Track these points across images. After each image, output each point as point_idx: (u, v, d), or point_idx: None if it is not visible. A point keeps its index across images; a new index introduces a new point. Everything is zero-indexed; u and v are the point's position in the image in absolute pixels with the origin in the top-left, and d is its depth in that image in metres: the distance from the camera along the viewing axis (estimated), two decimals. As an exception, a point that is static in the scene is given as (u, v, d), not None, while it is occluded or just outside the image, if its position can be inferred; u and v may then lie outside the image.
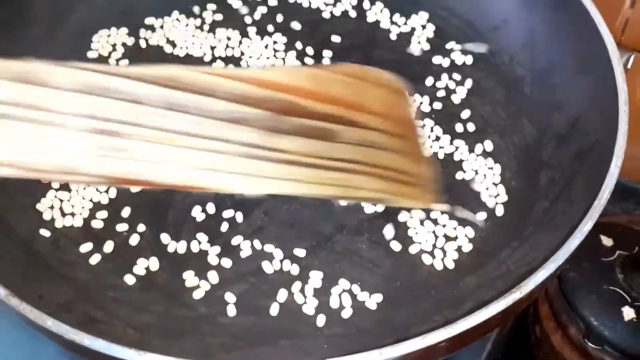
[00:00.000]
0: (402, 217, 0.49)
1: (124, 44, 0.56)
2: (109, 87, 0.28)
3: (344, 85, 0.36)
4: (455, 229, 0.48)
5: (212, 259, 0.47)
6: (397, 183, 0.38)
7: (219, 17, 0.58)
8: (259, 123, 0.31)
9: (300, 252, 0.47)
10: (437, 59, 0.57)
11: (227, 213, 0.48)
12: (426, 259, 0.47)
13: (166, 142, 0.29)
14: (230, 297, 0.45)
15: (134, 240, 0.47)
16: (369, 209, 0.49)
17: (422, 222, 0.48)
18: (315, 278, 0.46)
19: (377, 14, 0.59)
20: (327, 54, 0.57)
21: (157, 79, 0.29)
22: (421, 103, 0.54)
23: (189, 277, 0.46)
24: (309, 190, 0.34)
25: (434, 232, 0.48)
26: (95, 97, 0.28)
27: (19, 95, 0.27)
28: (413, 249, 0.47)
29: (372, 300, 0.45)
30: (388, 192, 0.38)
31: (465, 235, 0.48)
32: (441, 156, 0.52)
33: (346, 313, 0.45)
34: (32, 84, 0.27)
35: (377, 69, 0.38)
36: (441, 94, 0.55)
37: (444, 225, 0.48)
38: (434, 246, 0.48)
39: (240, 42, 0.57)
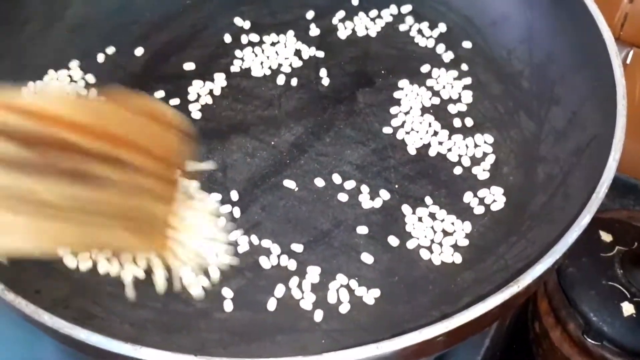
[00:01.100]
0: (400, 212, 0.48)
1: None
2: None
3: (122, 121, 0.34)
4: (453, 224, 0.48)
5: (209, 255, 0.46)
6: (141, 228, 0.37)
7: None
8: (9, 159, 0.29)
9: (297, 248, 0.47)
10: (435, 54, 0.56)
11: (225, 208, 0.48)
12: (424, 254, 0.47)
13: None
14: (227, 292, 0.45)
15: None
16: (366, 204, 0.49)
17: (420, 218, 0.48)
18: (313, 273, 0.46)
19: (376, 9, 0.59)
20: (324, 48, 0.57)
21: None
22: (419, 96, 0.54)
23: (186, 273, 0.46)
24: (44, 244, 0.33)
25: (431, 227, 0.48)
26: None
27: None
28: (411, 244, 0.47)
29: (370, 295, 0.45)
30: (128, 243, 0.37)
31: (463, 230, 0.48)
32: (440, 151, 0.51)
33: (344, 308, 0.45)
34: None
35: (164, 106, 0.37)
36: (439, 88, 0.54)
37: (442, 220, 0.48)
38: (432, 241, 0.47)
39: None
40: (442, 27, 0.58)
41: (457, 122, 0.53)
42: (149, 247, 0.41)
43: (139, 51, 0.56)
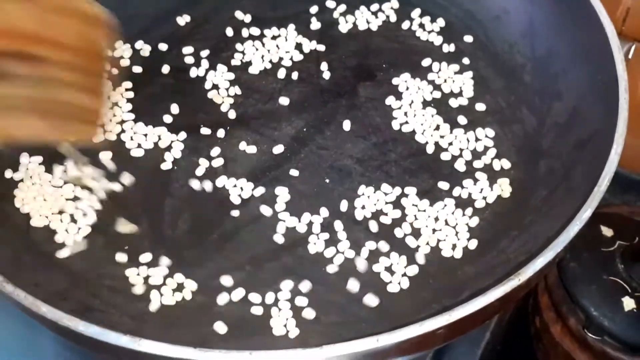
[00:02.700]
0: (401, 205, 0.48)
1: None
2: None
3: (33, 17, 0.34)
4: (454, 217, 0.48)
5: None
6: (57, 118, 0.37)
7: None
8: None
9: (297, 240, 0.47)
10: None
11: (225, 202, 0.48)
12: (425, 248, 0.47)
13: None
14: (227, 285, 0.45)
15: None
16: (367, 197, 0.49)
17: (420, 212, 0.48)
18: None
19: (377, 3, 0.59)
20: (325, 42, 0.56)
21: None
22: (420, 90, 0.54)
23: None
24: None
25: (433, 220, 0.48)
26: None
27: None
28: (411, 238, 0.47)
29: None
30: (42, 130, 0.37)
31: (465, 224, 0.48)
32: (441, 145, 0.51)
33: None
34: None
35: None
36: (440, 82, 0.54)
37: (443, 214, 0.48)
38: (433, 235, 0.47)
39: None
40: (443, 21, 0.57)
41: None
42: (64, 133, 0.41)
43: (139, 44, 0.56)
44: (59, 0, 0.36)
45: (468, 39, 0.56)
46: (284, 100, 0.53)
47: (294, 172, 0.50)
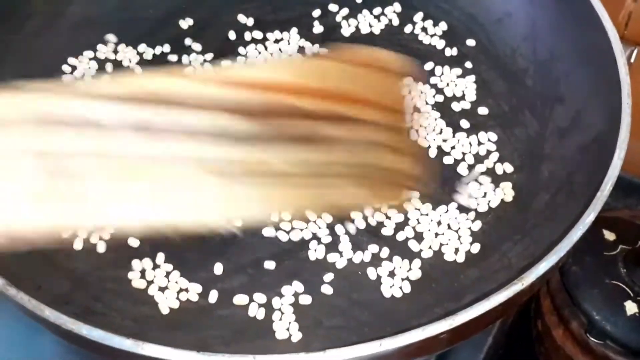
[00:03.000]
0: (403, 209, 0.48)
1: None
2: (64, 114, 0.23)
3: (340, 76, 0.33)
4: (457, 221, 0.48)
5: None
6: (376, 186, 0.36)
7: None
8: (239, 134, 0.28)
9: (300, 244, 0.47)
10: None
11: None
12: (427, 252, 0.47)
13: (129, 176, 0.25)
14: (229, 288, 0.45)
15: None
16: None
17: (423, 215, 0.48)
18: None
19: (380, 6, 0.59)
20: (328, 45, 0.56)
21: (121, 95, 0.25)
22: (423, 94, 0.54)
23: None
24: (284, 209, 0.32)
25: (435, 224, 0.48)
26: (47, 128, 0.23)
27: None
28: (414, 242, 0.47)
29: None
30: (362, 198, 0.36)
31: (467, 228, 0.48)
32: (443, 148, 0.51)
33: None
34: None
35: (373, 49, 0.35)
36: (443, 86, 0.54)
37: (446, 218, 0.48)
38: (435, 239, 0.47)
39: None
40: (445, 25, 0.57)
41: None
42: (382, 199, 0.39)
43: (142, 48, 0.56)
44: (364, 55, 0.35)
45: (470, 42, 0.56)
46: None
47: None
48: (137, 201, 0.24)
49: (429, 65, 0.55)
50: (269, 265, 0.46)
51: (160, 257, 0.46)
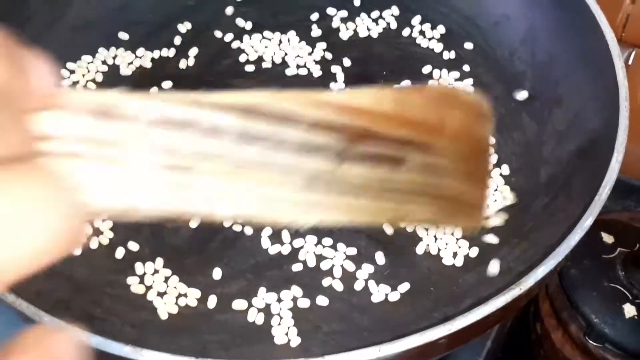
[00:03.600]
0: (402, 213, 0.48)
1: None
2: (185, 119, 0.27)
3: (423, 107, 0.36)
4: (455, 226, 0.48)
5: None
6: (449, 209, 0.38)
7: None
8: (329, 152, 0.31)
9: (299, 249, 0.47)
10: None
11: (226, 210, 0.48)
12: (425, 256, 0.47)
13: (233, 175, 0.29)
14: (228, 293, 0.45)
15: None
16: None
17: (421, 219, 0.48)
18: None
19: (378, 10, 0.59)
20: (330, 52, 0.57)
21: (233, 106, 0.29)
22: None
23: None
24: (359, 219, 0.34)
25: (433, 228, 0.48)
26: (171, 130, 0.26)
27: (95, 131, 0.26)
28: (412, 246, 0.47)
29: (371, 298, 0.45)
30: (437, 219, 0.38)
31: (465, 232, 0.48)
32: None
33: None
34: (110, 117, 0.26)
35: (462, 89, 0.37)
36: (441, 90, 0.54)
37: (444, 222, 0.48)
38: (434, 243, 0.47)
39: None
40: (443, 28, 0.57)
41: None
42: (455, 222, 0.41)
43: (140, 52, 0.56)
44: (443, 90, 0.37)
45: (468, 45, 0.56)
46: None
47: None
48: (238, 196, 0.28)
49: (427, 69, 0.55)
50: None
51: (159, 262, 0.46)
